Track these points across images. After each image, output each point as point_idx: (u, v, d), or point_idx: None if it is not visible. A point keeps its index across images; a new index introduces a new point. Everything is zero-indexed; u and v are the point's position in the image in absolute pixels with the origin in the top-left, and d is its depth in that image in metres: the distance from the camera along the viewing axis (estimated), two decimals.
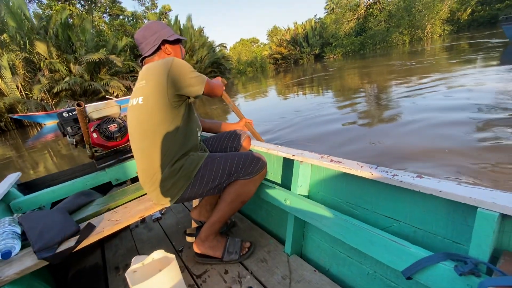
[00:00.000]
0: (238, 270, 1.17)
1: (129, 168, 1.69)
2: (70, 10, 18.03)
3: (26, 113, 13.33)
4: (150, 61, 1.16)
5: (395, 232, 0.86)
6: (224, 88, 1.43)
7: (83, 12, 19.76)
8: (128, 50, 20.87)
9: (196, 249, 1.24)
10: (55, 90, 14.41)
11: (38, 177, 1.82)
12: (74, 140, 1.50)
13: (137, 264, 1.08)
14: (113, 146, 1.60)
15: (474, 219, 0.63)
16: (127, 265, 1.13)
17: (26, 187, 1.75)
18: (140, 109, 1.04)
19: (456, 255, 0.65)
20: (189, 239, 1.43)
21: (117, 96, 16.62)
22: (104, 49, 16.88)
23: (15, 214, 1.26)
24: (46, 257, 0.94)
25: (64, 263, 1.48)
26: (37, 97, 14.25)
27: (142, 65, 1.18)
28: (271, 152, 1.27)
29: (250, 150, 1.37)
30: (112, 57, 16.99)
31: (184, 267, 1.26)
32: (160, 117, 1.01)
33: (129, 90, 18.00)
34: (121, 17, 26.07)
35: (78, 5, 23.03)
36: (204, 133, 1.74)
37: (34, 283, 1.12)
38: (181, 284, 1.06)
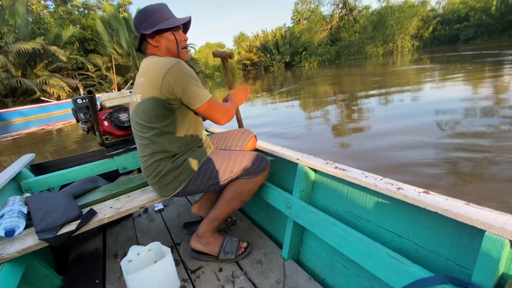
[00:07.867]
0: (233, 269, 1.25)
1: (136, 158, 1.78)
2: None
3: None
4: (152, 51, 1.18)
5: (396, 247, 0.87)
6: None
7: None
8: (77, 43, 18.67)
9: (192, 244, 1.33)
10: None
11: (50, 160, 1.96)
12: (86, 126, 1.62)
13: (133, 254, 1.17)
14: (122, 135, 1.72)
15: (480, 242, 0.63)
16: (126, 253, 1.19)
17: (38, 168, 1.87)
18: (138, 106, 1.14)
19: (458, 280, 0.65)
20: (186, 232, 1.53)
21: (58, 98, 14.62)
22: (43, 37, 14.57)
23: (25, 194, 1.35)
24: (47, 238, 1.01)
25: (66, 245, 1.57)
26: None
27: (143, 53, 1.21)
28: (275, 154, 1.37)
29: (255, 149, 1.48)
30: (54, 48, 14.77)
31: (180, 261, 1.35)
32: (157, 116, 1.10)
33: (75, 90, 15.80)
34: (69, 5, 24.41)
35: None
36: (210, 130, 1.91)
37: (34, 263, 1.16)
38: (175, 278, 1.16)
